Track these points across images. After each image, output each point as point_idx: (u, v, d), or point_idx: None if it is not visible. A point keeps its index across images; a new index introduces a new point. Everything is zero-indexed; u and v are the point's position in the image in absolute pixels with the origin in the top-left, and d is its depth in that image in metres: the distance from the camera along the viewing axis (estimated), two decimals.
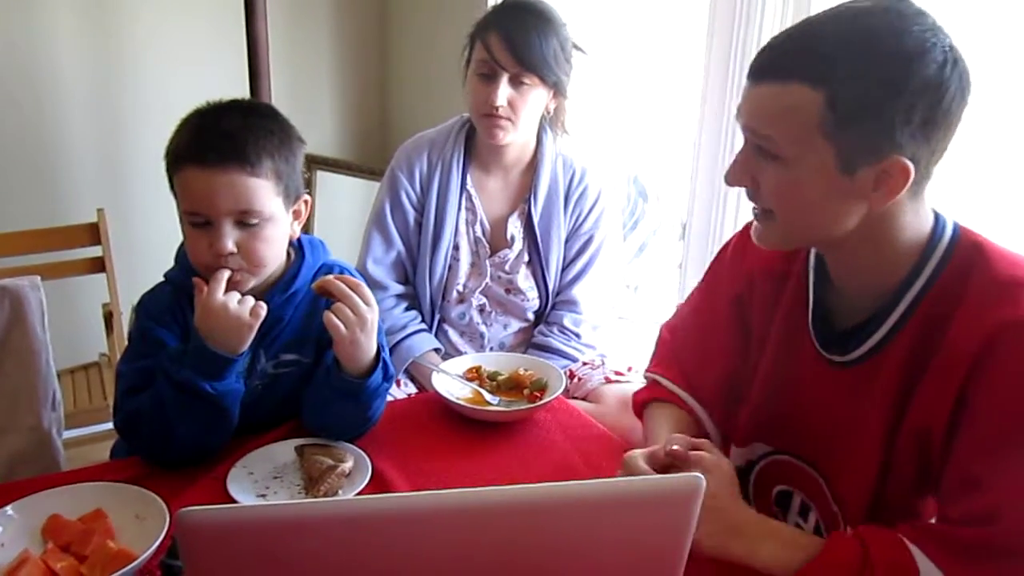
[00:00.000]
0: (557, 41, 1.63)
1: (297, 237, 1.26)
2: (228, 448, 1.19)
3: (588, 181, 1.77)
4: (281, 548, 0.63)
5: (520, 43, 1.59)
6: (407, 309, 1.78)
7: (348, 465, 1.15)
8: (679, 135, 2.47)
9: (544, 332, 1.79)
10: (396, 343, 1.71)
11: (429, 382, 1.47)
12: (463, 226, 1.77)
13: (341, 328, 1.14)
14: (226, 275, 1.12)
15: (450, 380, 1.41)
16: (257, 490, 1.12)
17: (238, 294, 1.13)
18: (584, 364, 1.75)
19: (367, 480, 1.14)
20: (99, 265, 2.10)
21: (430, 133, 1.81)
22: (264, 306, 1.13)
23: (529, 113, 1.66)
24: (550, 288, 1.79)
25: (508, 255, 1.77)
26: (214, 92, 1.19)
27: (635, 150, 2.69)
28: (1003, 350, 0.86)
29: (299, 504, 0.78)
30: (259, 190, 1.12)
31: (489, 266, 1.78)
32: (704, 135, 1.95)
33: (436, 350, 1.75)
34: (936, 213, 0.97)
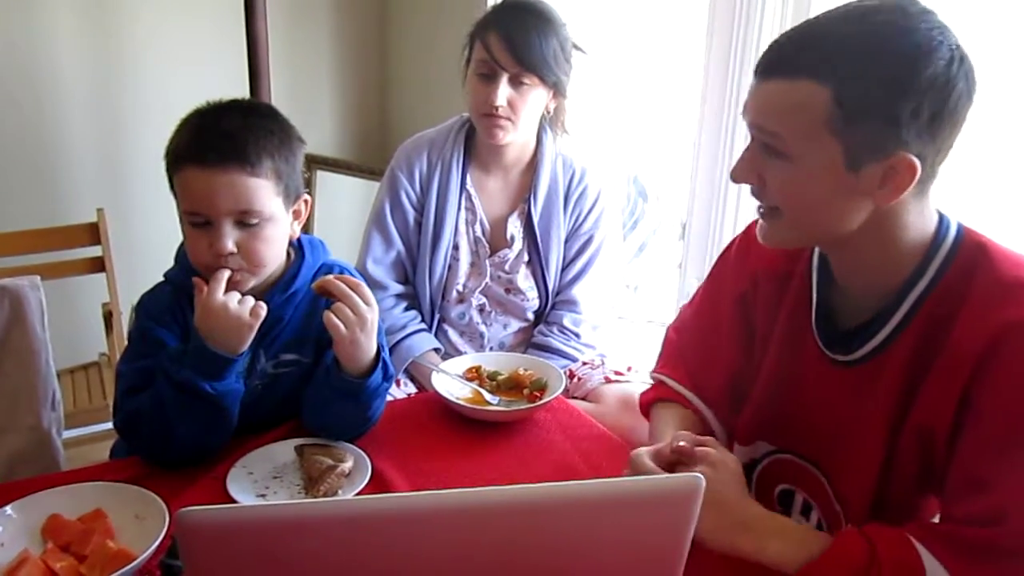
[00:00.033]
0: (557, 41, 1.63)
1: (297, 237, 1.26)
2: (228, 448, 1.19)
3: (588, 181, 1.77)
4: (281, 548, 0.63)
5: (520, 43, 1.59)
6: (407, 309, 1.78)
7: (348, 465, 1.15)
8: (679, 135, 2.47)
9: (544, 332, 1.79)
10: (396, 343, 1.71)
11: (429, 382, 1.47)
12: (463, 226, 1.77)
13: (341, 328, 1.14)
14: (226, 275, 1.12)
15: (450, 380, 1.41)
16: (257, 490, 1.12)
17: (238, 294, 1.13)
18: (584, 364, 1.75)
19: (367, 480, 1.14)
20: (99, 265, 2.10)
21: (430, 133, 1.81)
22: (264, 306, 1.13)
23: (529, 113, 1.66)
24: (550, 288, 1.79)
25: (508, 255, 1.77)
26: (214, 92, 1.19)
27: (635, 150, 2.69)
28: (1007, 351, 0.86)
29: (299, 504, 0.78)
30: (259, 190, 1.12)
31: (489, 266, 1.78)
32: (704, 135, 1.95)
33: (436, 350, 1.75)
34: (940, 213, 0.97)
